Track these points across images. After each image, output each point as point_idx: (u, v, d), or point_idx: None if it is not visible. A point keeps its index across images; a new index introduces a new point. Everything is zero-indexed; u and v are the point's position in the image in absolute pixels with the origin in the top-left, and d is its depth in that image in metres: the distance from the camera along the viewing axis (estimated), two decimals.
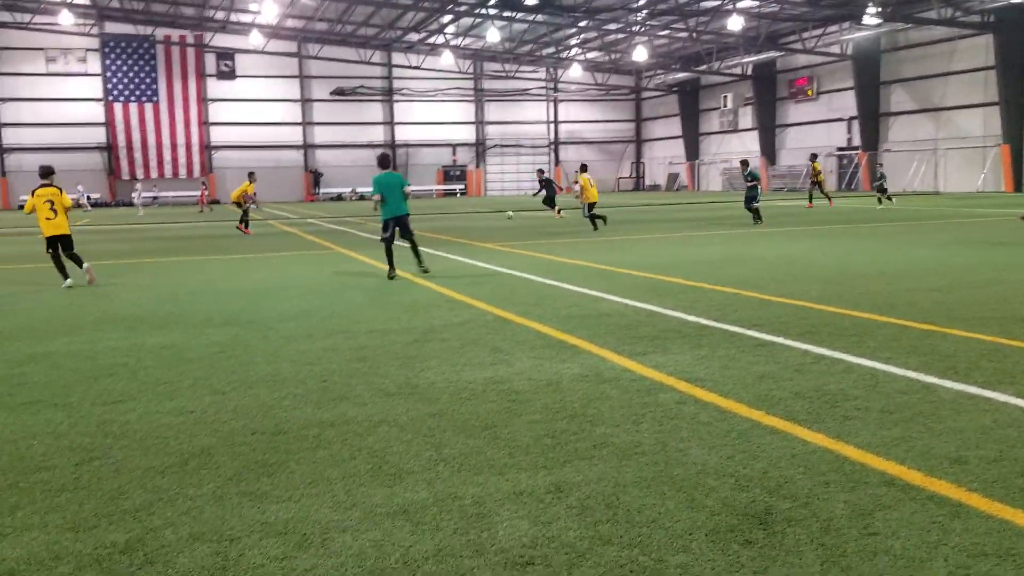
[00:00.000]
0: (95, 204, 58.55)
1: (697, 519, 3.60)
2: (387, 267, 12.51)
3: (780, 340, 7.24)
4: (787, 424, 4.90)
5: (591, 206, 22.49)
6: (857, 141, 50.65)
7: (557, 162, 72.43)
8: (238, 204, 24.77)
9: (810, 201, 31.34)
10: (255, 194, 25.23)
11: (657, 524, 3.56)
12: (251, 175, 25.45)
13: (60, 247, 12.59)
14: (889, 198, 31.37)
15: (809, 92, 54.93)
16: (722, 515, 3.64)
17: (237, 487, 4.04)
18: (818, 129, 54.37)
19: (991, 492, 3.82)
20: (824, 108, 54.07)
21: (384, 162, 12.91)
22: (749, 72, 57.51)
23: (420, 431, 4.88)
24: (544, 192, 28.94)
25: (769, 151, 58.10)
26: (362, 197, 62.24)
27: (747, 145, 60.44)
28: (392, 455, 4.47)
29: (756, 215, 22.82)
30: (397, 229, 12.63)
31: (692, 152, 66.70)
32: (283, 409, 5.40)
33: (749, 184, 23.14)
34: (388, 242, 12.60)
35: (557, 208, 28.21)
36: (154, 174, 62.25)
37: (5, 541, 3.47)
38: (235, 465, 4.35)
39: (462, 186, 70.12)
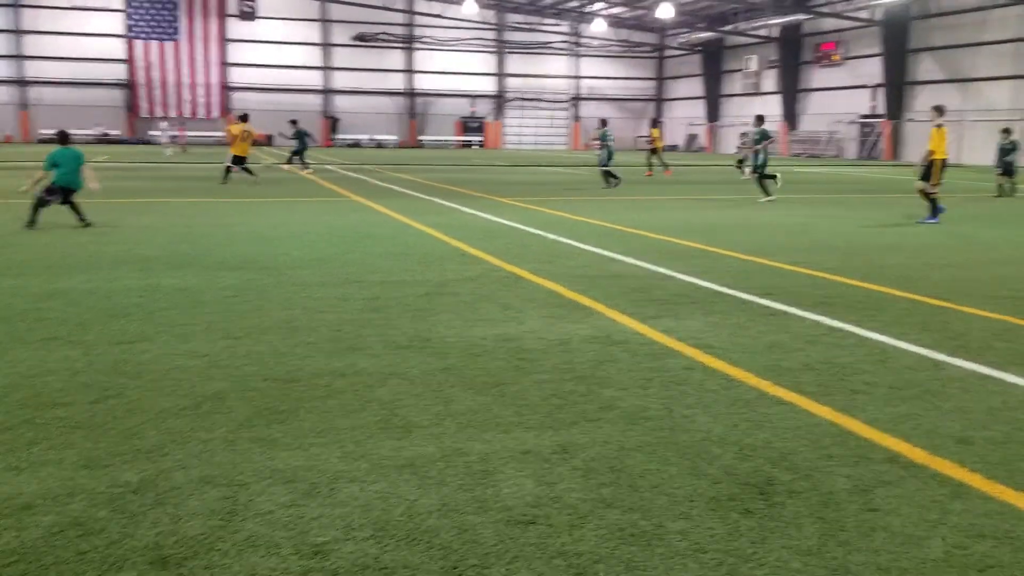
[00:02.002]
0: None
1: (699, 486, 3.65)
2: (404, 217, 12.53)
3: (792, 310, 7.23)
4: (794, 395, 4.93)
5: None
6: (881, 109, 49.95)
7: (577, 118, 71.81)
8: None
9: (649, 169, 30.77)
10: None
11: (659, 490, 3.61)
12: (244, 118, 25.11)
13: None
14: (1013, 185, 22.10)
15: (835, 57, 54.06)
16: (724, 483, 3.68)
17: (248, 432, 4.11)
18: (842, 95, 53.61)
19: (994, 474, 3.85)
20: (849, 74, 53.25)
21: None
22: (775, 35, 56.61)
23: (430, 385, 4.94)
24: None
25: (790, 116, 57.40)
26: (380, 145, 62.05)
27: (769, 109, 59.65)
28: (401, 408, 4.53)
29: (764, 179, 19.04)
30: None
31: (713, 114, 65.97)
32: (295, 357, 5.46)
33: (756, 148, 19.49)
34: None
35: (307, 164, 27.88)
36: (172, 113, 62.09)
37: (22, 475, 3.56)
38: (247, 410, 4.42)
39: (480, 138, 69.67)
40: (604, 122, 23.99)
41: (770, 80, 59.67)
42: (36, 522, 3.15)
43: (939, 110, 14.66)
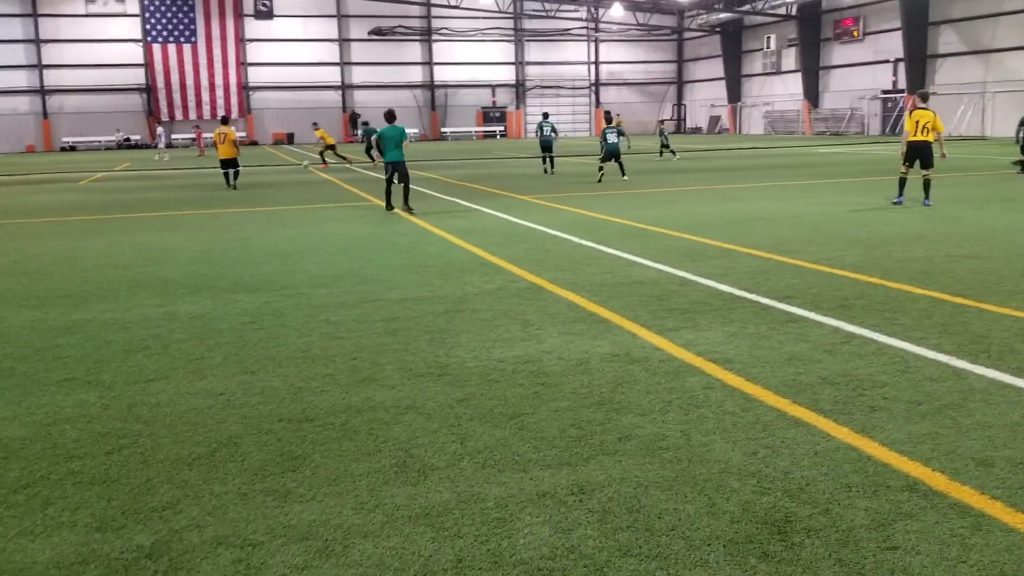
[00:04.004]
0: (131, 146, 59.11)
1: (717, 527, 3.60)
2: (424, 222, 12.55)
3: (811, 315, 7.14)
4: (812, 415, 4.85)
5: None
6: (903, 84, 49.21)
7: (597, 103, 71.44)
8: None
9: (324, 162, 33.06)
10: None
11: (677, 532, 3.56)
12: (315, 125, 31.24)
13: None
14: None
15: (855, 33, 53.34)
16: (742, 522, 3.63)
17: (262, 483, 4.10)
18: (863, 71, 52.92)
19: (1015, 501, 3.76)
20: (870, 50, 52.51)
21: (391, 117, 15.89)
22: (793, 12, 55.94)
23: (447, 420, 4.91)
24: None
25: (812, 94, 56.73)
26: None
27: (790, 88, 59.06)
28: (417, 448, 4.51)
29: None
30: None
31: (734, 95, 65.37)
32: (311, 392, 5.46)
33: None
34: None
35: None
36: (192, 115, 62.56)
37: (36, 541, 3.57)
38: (261, 457, 4.42)
39: (501, 128, 69.56)
40: (610, 116, 23.58)
41: (790, 58, 58.99)
42: None
43: (923, 96, 15.08)
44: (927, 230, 12.01)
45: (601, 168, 22.00)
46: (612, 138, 21.53)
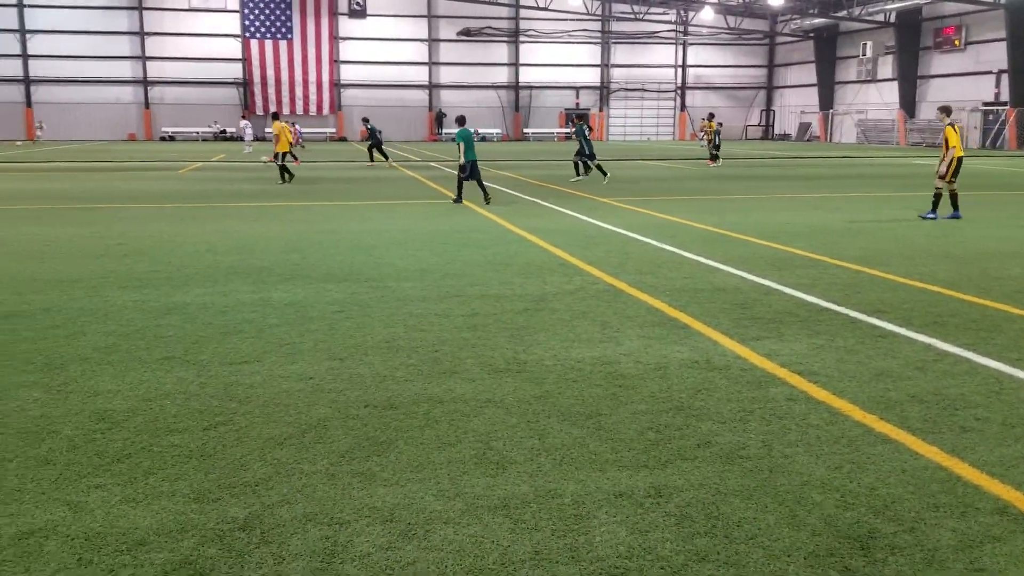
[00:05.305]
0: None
1: (797, 539, 3.57)
2: (505, 221, 12.70)
3: (903, 331, 6.97)
4: (901, 433, 4.76)
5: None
6: (1005, 96, 47.31)
7: (683, 107, 70.70)
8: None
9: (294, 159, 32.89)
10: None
11: (756, 542, 3.55)
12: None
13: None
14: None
15: (956, 42, 51.47)
16: (823, 536, 3.59)
17: (349, 465, 4.24)
18: (963, 82, 51.03)
19: None
20: (971, 60, 50.62)
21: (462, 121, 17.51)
22: (892, 19, 54.29)
23: (525, 415, 4.98)
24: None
25: (908, 104, 55.00)
26: (484, 138, 62.57)
27: (885, 96, 57.42)
28: (496, 440, 4.59)
29: None
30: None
31: (826, 101, 63.83)
32: (395, 381, 5.59)
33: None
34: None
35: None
36: (285, 110, 64.15)
37: (138, 508, 3.77)
38: (348, 440, 4.57)
39: None
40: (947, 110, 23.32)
41: (887, 66, 57.32)
42: (151, 559, 3.34)
43: (946, 110, 14.81)
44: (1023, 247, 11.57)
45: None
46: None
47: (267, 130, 40.91)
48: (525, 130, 68.55)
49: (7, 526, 3.61)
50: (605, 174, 23.33)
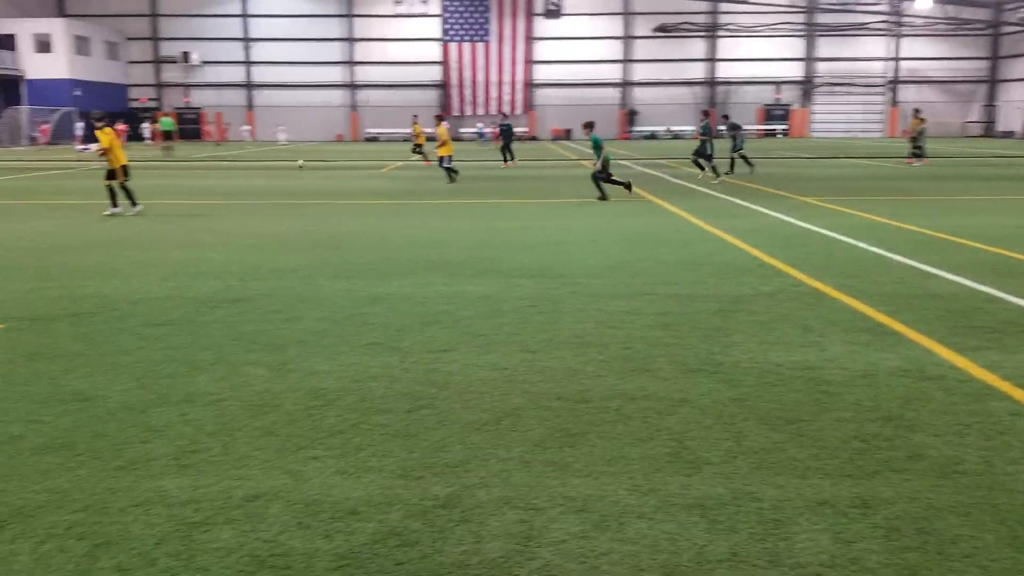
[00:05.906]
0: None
1: (1020, 561, 3.30)
2: (699, 220, 12.47)
3: None
4: None
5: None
6: None
7: (894, 103, 66.65)
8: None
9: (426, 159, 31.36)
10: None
11: (972, 560, 3.31)
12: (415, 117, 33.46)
13: None
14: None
15: None
16: None
17: (543, 454, 4.32)
18: None
19: None
20: None
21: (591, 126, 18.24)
22: None
23: (721, 417, 4.88)
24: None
25: None
26: (676, 136, 61.70)
27: None
28: (691, 440, 4.53)
29: None
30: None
31: None
32: (587, 375, 5.64)
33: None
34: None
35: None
36: (480, 111, 66.02)
37: (349, 480, 4.02)
38: (541, 430, 4.66)
39: (784, 126, 66.88)
40: (727, 118, 23.88)
41: None
42: (361, 528, 3.56)
43: None
44: None
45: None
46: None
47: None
48: (719, 127, 67.00)
49: (237, 488, 3.95)
50: (717, 174, 22.81)
